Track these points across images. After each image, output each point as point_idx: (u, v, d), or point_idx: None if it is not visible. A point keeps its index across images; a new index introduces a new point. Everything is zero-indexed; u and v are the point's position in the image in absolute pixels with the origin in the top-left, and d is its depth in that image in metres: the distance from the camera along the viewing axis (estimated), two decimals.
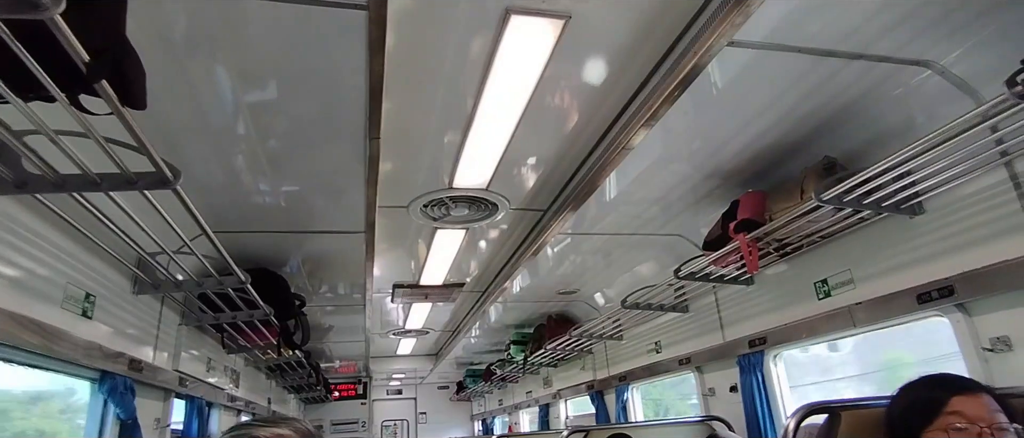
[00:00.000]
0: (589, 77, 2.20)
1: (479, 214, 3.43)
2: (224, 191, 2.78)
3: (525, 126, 2.46)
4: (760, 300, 3.47)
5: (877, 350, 3.23)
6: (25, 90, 1.26)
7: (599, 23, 1.90)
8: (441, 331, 7.42)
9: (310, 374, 6.74)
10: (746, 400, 3.45)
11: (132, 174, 1.65)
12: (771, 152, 2.73)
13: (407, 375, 10.95)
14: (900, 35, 1.95)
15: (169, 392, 3.39)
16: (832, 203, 2.29)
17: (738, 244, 2.83)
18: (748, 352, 3.46)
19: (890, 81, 2.19)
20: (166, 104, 2.01)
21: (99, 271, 2.51)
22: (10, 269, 1.92)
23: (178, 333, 3.52)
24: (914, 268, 2.43)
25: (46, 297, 2.13)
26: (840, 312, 2.80)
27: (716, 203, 3.22)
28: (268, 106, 2.16)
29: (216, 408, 4.40)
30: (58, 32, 1.04)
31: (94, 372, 2.54)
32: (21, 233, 1.97)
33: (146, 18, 1.61)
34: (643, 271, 4.45)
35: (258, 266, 3.65)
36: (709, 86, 2.25)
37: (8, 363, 2.02)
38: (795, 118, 2.47)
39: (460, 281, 5.00)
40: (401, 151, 2.64)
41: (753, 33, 1.90)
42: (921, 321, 2.53)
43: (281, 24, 1.72)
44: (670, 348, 4.48)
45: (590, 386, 6.00)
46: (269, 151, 2.47)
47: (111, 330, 2.61)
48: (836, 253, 2.88)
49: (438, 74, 2.11)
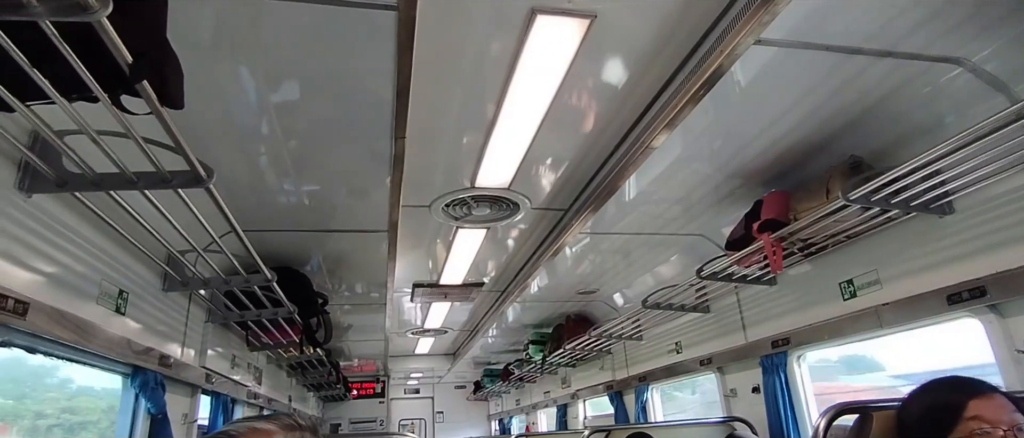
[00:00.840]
0: (612, 77, 2.20)
1: (500, 213, 3.44)
2: (249, 190, 2.83)
3: (548, 126, 2.47)
4: (783, 300, 3.44)
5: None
6: (69, 90, 1.30)
7: (624, 23, 1.90)
8: (459, 330, 7.46)
9: (330, 372, 6.80)
10: (768, 401, 3.42)
11: (167, 173, 1.70)
12: (795, 151, 2.71)
13: (425, 374, 11.02)
14: (930, 32, 1.92)
15: (196, 388, 3.46)
16: (859, 202, 2.26)
17: (762, 244, 2.82)
18: (771, 353, 3.44)
19: (919, 79, 2.16)
20: (195, 104, 2.04)
21: (131, 268, 2.57)
22: (50, 266, 1.97)
23: (205, 330, 3.58)
24: (944, 268, 2.39)
25: (83, 293, 2.19)
26: (866, 313, 2.77)
27: (738, 203, 3.20)
28: (294, 106, 2.19)
29: (240, 405, 4.47)
30: (104, 34, 1.07)
31: (127, 367, 2.60)
32: (60, 231, 2.03)
33: (175, 19, 1.65)
34: (663, 271, 4.43)
35: (281, 264, 3.71)
36: (732, 85, 2.24)
37: (47, 356, 2.08)
38: (820, 117, 2.45)
39: (479, 280, 5.03)
40: (424, 151, 2.66)
41: (778, 31, 1.88)
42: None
43: (310, 25, 1.75)
44: (691, 348, 4.45)
45: (609, 386, 5.98)
46: (294, 151, 2.51)
47: (142, 326, 2.67)
48: (862, 253, 2.85)
49: (463, 74, 2.13)
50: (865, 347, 3.44)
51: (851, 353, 3.72)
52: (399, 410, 11.64)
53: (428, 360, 9.59)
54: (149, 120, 1.38)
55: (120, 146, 1.59)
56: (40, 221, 1.91)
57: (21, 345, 1.93)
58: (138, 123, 1.44)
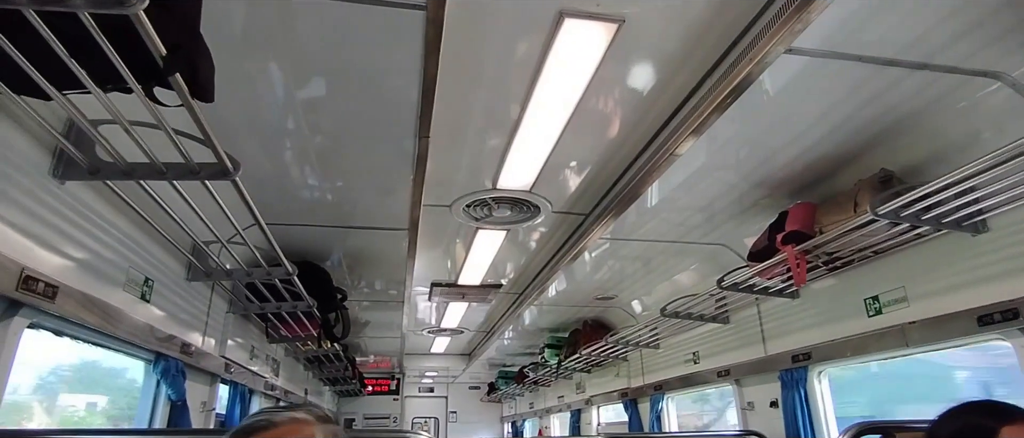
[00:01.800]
0: (639, 82, 2.19)
1: (521, 216, 3.44)
2: (273, 184, 2.87)
3: (572, 129, 2.46)
4: (805, 314, 3.38)
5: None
6: (105, 81, 1.33)
7: (652, 28, 1.88)
8: (475, 331, 7.47)
9: (346, 367, 6.86)
10: (787, 416, 3.36)
11: (195, 164, 1.73)
12: (823, 163, 2.66)
13: (439, 373, 11.06)
14: (969, 44, 1.87)
15: (215, 377, 3.51)
16: (888, 218, 2.21)
17: (785, 256, 2.77)
18: (791, 367, 3.37)
19: (955, 93, 2.11)
20: (223, 97, 2.07)
21: (157, 257, 2.62)
22: (80, 251, 2.02)
23: (225, 320, 3.64)
24: (975, 288, 2.32)
25: (110, 279, 2.24)
26: (892, 331, 2.70)
27: (763, 213, 3.15)
28: (321, 102, 2.22)
29: (256, 395, 4.52)
30: (140, 27, 1.10)
31: (149, 354, 2.65)
32: (90, 217, 2.08)
33: (208, 13, 1.67)
34: (683, 280, 4.38)
35: (302, 258, 3.75)
36: (760, 93, 2.20)
37: (74, 340, 2.13)
38: (850, 128, 2.40)
39: (497, 282, 5.03)
40: (447, 151, 2.67)
41: (810, 40, 1.85)
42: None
43: (339, 23, 1.77)
44: (708, 359, 4.39)
45: (624, 394, 5.93)
46: (319, 146, 2.53)
47: (166, 314, 2.72)
48: (889, 269, 2.78)
49: (488, 75, 2.13)
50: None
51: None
52: (413, 408, 11.69)
53: (443, 359, 9.62)
54: (178, 111, 1.41)
55: (149, 136, 1.62)
56: (72, 207, 1.96)
57: (49, 328, 1.98)
58: (168, 114, 1.47)
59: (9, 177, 1.67)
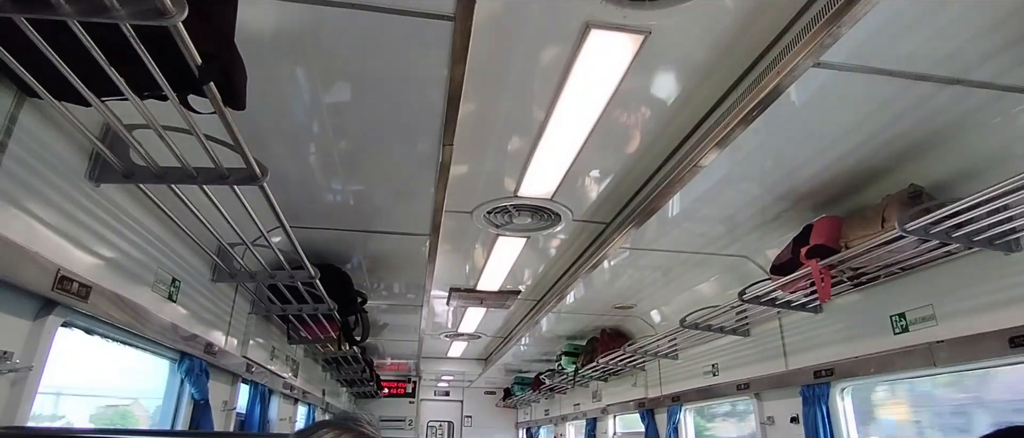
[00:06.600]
0: (663, 93, 2.18)
1: (541, 223, 3.44)
2: (298, 187, 2.90)
3: (595, 139, 2.46)
4: (828, 330, 3.32)
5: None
6: (141, 88, 1.37)
7: (679, 40, 1.88)
8: (492, 336, 7.47)
9: (364, 369, 6.91)
10: (808, 433, 3.30)
11: (225, 169, 1.76)
12: (849, 177, 2.62)
13: (455, 377, 11.08)
14: (1004, 60, 1.83)
15: (237, 377, 3.57)
16: (917, 234, 2.17)
17: (809, 270, 2.73)
18: (813, 383, 3.32)
19: (988, 108, 2.06)
20: (252, 102, 2.11)
21: (184, 258, 2.67)
22: (112, 252, 2.07)
23: (248, 321, 3.69)
24: (1008, 308, 2.27)
25: (139, 279, 2.29)
26: (919, 349, 2.65)
27: (786, 226, 3.11)
28: (346, 108, 2.24)
29: (276, 395, 4.58)
30: (178, 37, 1.13)
31: (174, 353, 2.70)
32: (123, 219, 2.13)
33: (240, 22, 1.70)
34: (704, 291, 4.34)
35: (324, 261, 3.79)
36: (787, 105, 2.17)
37: (104, 339, 2.18)
38: (878, 143, 2.36)
39: (516, 288, 5.03)
40: (470, 158, 2.69)
41: (838, 54, 1.82)
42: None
43: (367, 31, 1.79)
44: (728, 371, 4.34)
45: (641, 403, 5.89)
46: (343, 151, 2.56)
47: (191, 314, 2.77)
48: (916, 286, 2.72)
49: (513, 84, 2.14)
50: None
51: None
52: (428, 411, 11.73)
53: (460, 363, 9.63)
54: (209, 118, 1.44)
55: (181, 141, 1.66)
56: (106, 209, 2.02)
57: (81, 326, 2.03)
58: (199, 120, 1.50)
59: (47, 180, 1.72)
